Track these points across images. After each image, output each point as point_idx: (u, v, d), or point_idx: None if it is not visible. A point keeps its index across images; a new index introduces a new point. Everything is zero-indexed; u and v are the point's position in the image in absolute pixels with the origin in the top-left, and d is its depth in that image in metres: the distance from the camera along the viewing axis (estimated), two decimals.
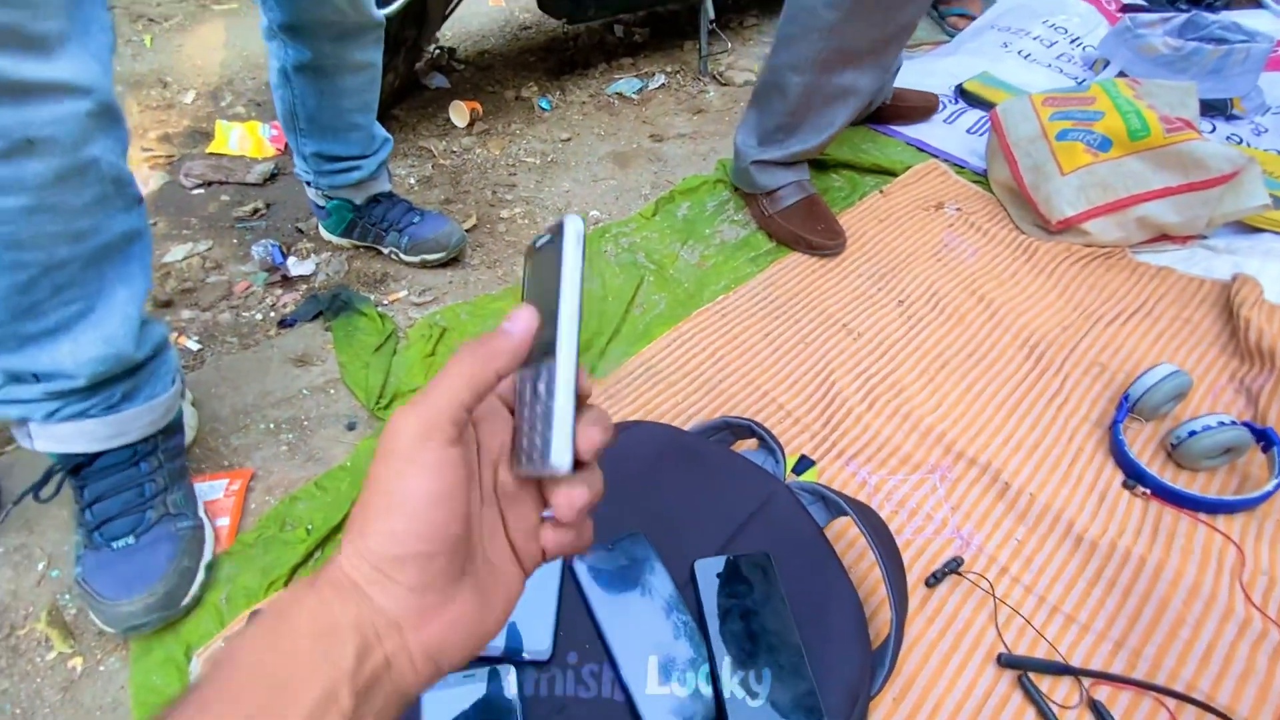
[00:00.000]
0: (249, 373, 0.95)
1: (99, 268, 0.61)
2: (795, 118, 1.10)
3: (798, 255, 1.17)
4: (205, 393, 0.92)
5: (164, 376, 0.72)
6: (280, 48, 0.92)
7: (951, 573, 0.75)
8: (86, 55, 0.54)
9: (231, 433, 0.87)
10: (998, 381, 0.96)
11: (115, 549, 0.68)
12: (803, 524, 0.70)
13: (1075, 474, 0.85)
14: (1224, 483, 0.84)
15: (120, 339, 0.64)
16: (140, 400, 0.69)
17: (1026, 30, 1.74)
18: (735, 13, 1.98)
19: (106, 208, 0.59)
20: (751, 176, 1.17)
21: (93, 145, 0.56)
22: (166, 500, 0.71)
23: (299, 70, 0.94)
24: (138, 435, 0.70)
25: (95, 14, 0.55)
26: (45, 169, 0.53)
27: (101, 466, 0.70)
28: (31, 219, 0.54)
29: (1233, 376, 0.95)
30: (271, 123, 1.46)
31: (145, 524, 0.69)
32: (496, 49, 1.84)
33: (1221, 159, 1.05)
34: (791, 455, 0.86)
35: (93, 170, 0.57)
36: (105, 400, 0.66)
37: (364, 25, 0.93)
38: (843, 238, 1.14)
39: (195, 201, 1.30)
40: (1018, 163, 1.21)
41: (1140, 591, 0.72)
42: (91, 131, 0.55)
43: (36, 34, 0.49)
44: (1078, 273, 1.13)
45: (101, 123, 0.56)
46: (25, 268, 0.56)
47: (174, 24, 1.86)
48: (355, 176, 1.08)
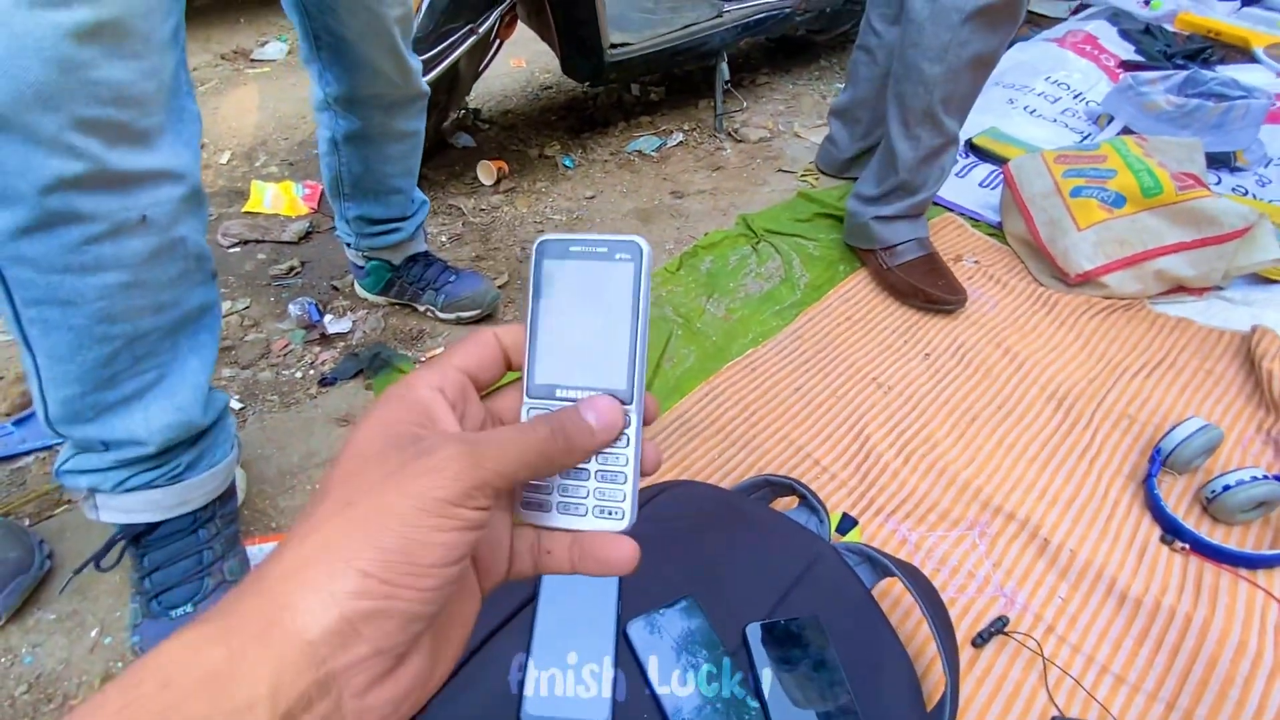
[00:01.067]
0: (293, 432, 0.97)
1: (174, 338, 0.64)
2: (913, 174, 1.16)
3: (823, 306, 1.20)
4: (251, 453, 0.93)
5: (224, 443, 0.74)
6: (332, 119, 0.97)
7: (998, 633, 0.75)
8: (180, 144, 0.58)
9: (279, 494, 0.88)
10: (1029, 435, 0.97)
11: (174, 618, 0.69)
12: (851, 586, 0.70)
13: (1113, 529, 0.85)
14: (1259, 536, 0.85)
15: (190, 406, 0.66)
16: (203, 468, 0.71)
17: (1030, 86, 1.81)
18: (748, 71, 2.07)
19: (188, 282, 0.63)
20: (872, 231, 1.22)
21: (182, 225, 0.60)
22: (223, 568, 0.72)
23: (349, 140, 0.98)
24: (200, 502, 0.71)
25: (187, 104, 0.60)
26: (143, 247, 0.57)
27: (163, 535, 0.71)
28: (126, 294, 0.58)
29: (1260, 428, 0.97)
30: (304, 181, 1.52)
31: (203, 592, 0.70)
32: (519, 108, 1.91)
33: (1234, 215, 1.09)
34: (832, 512, 0.87)
35: (180, 248, 0.60)
36: (172, 469, 0.68)
37: (413, 96, 0.98)
38: (964, 294, 1.16)
39: (232, 260, 1.34)
40: (1033, 218, 1.24)
41: (1188, 650, 0.72)
42: (183, 212, 0.59)
43: (141, 129, 0.54)
44: (1099, 324, 1.15)
45: (191, 205, 0.61)
46: (112, 340, 0.59)
47: (210, 88, 1.94)
48: (395, 238, 1.11)
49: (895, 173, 1.17)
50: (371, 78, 0.91)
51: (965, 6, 0.99)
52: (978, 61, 1.05)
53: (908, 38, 1.07)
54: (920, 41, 1.04)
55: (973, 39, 1.01)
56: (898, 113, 1.13)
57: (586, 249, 0.25)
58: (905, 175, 1.16)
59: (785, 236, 1.37)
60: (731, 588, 0.70)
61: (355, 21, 0.84)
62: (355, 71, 0.90)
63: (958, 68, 1.04)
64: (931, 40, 1.03)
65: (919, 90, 1.08)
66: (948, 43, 1.02)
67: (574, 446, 0.24)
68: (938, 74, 1.05)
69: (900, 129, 1.14)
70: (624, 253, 0.25)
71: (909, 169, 1.15)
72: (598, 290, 0.25)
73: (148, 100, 0.54)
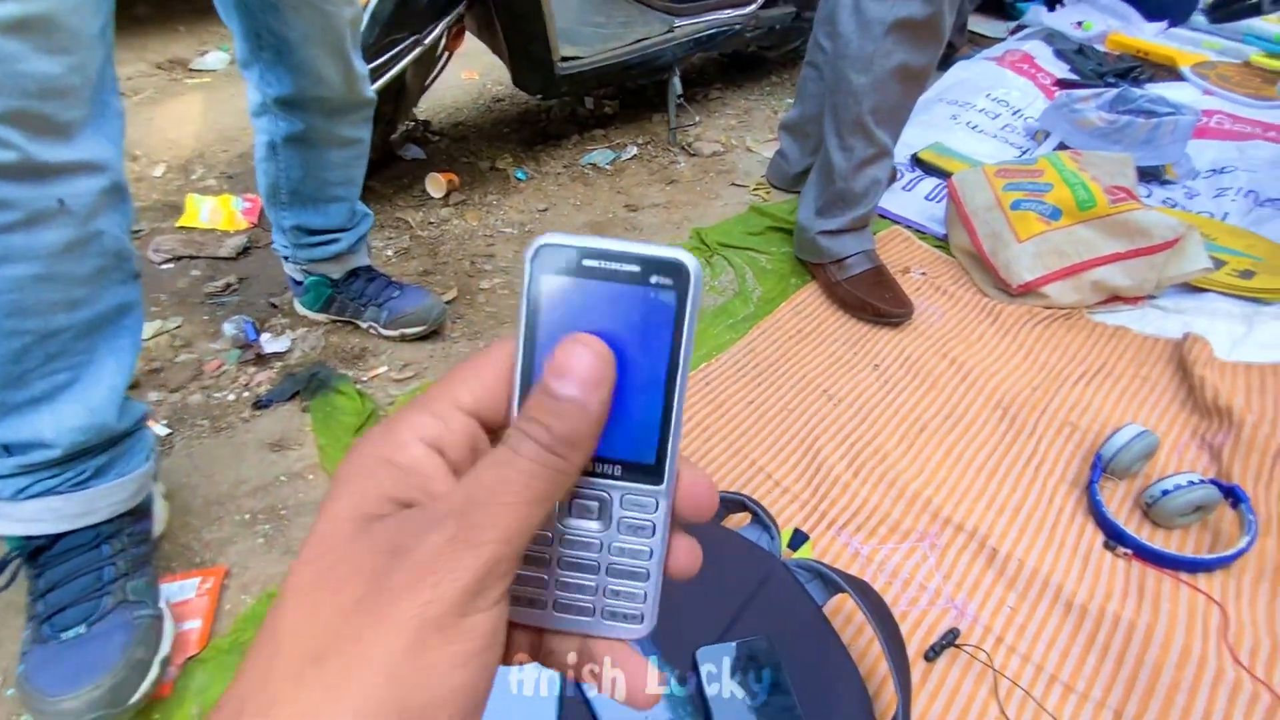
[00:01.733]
0: (223, 459, 0.92)
1: (90, 339, 0.62)
2: (847, 183, 1.18)
3: (775, 320, 1.20)
4: (176, 482, 0.88)
5: (139, 453, 0.71)
6: (271, 122, 0.93)
7: (949, 645, 0.74)
8: (102, 137, 0.58)
9: (204, 526, 0.83)
10: (975, 444, 0.98)
11: (64, 640, 0.64)
12: (802, 604, 0.69)
13: (1059, 537, 0.86)
14: (1198, 540, 0.87)
15: (104, 409, 0.64)
16: (111, 476, 0.67)
17: (971, 103, 1.86)
18: (701, 86, 2.08)
19: (105, 279, 0.61)
20: (820, 246, 1.23)
21: (101, 219, 0.59)
22: (126, 587, 0.67)
23: (288, 142, 0.94)
24: (106, 514, 0.67)
25: (111, 100, 0.60)
26: (58, 238, 0.56)
27: (62, 550, 0.66)
28: (37, 287, 0.56)
29: (1195, 433, 1.00)
30: (244, 195, 1.46)
31: (100, 611, 0.65)
32: (470, 121, 1.89)
33: (1164, 227, 1.13)
34: (784, 528, 0.86)
35: (97, 242, 0.59)
36: (77, 474, 0.64)
37: (358, 103, 0.95)
38: (911, 306, 1.18)
39: (164, 277, 1.27)
40: (976, 230, 1.27)
41: (1134, 657, 0.73)
42: (102, 206, 0.59)
43: (64, 121, 0.54)
44: (1040, 334, 1.18)
45: (112, 199, 0.60)
46: (21, 335, 0.57)
47: (144, 97, 1.86)
48: (334, 250, 1.07)
49: (833, 183, 1.20)
50: (315, 82, 0.88)
51: (886, 18, 1.03)
52: (904, 73, 1.08)
53: (837, 50, 1.11)
54: (847, 53, 1.08)
55: (896, 50, 1.05)
56: (832, 124, 1.16)
57: (608, 265, 0.18)
58: (841, 185, 1.18)
59: (738, 250, 1.37)
60: (683, 610, 0.68)
61: (300, 21, 0.82)
62: (298, 74, 0.87)
63: (883, 78, 1.08)
64: (857, 51, 1.07)
65: (849, 100, 1.11)
66: (872, 53, 1.06)
67: (576, 441, 0.17)
68: (864, 84, 1.09)
69: (835, 140, 1.17)
70: (663, 276, 0.18)
71: (844, 178, 1.18)
72: (622, 327, 0.18)
73: (72, 94, 0.54)
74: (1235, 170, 1.59)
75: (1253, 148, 1.66)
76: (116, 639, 0.65)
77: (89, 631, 0.65)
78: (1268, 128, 1.76)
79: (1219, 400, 0.99)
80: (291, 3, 0.80)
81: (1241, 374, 1.06)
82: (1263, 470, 0.91)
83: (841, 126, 1.15)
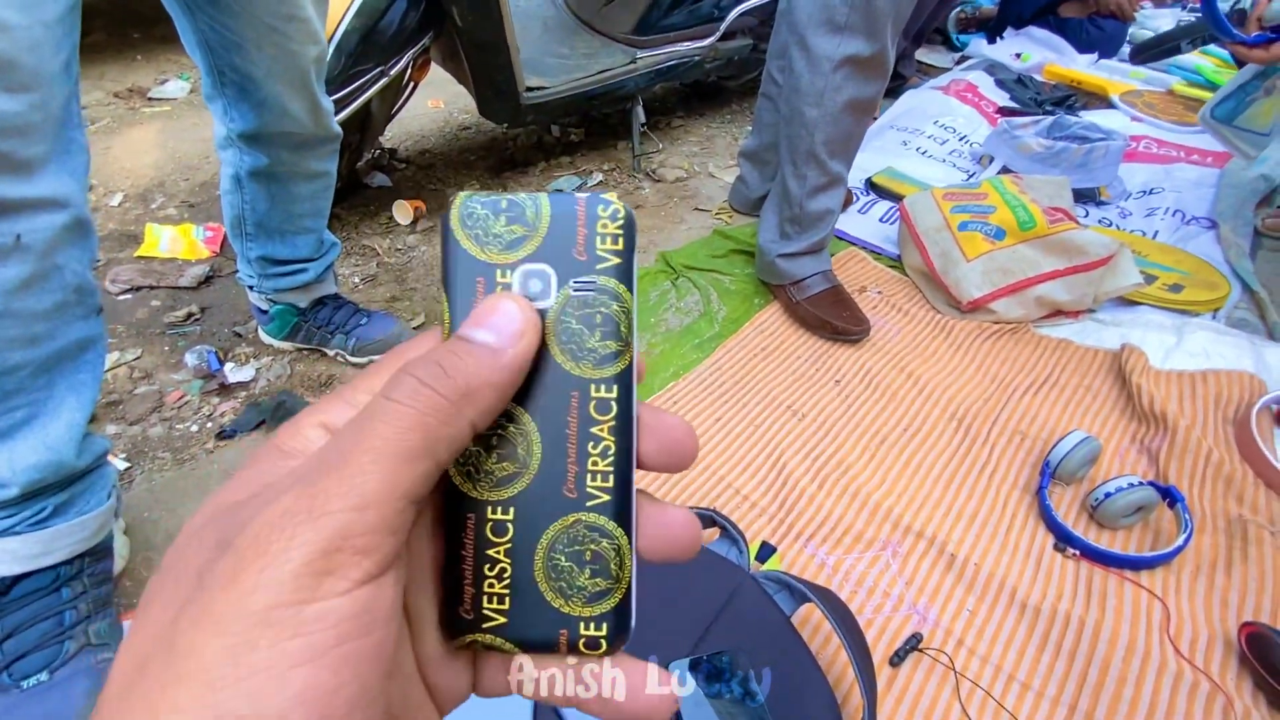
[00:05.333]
0: (186, 492, 0.90)
1: (49, 375, 0.61)
2: (802, 209, 1.23)
3: (739, 339, 1.24)
4: (137, 517, 0.86)
5: (100, 490, 0.69)
6: (236, 155, 0.93)
7: (913, 650, 0.77)
8: (65, 173, 0.57)
9: None
10: (933, 455, 1.02)
11: (25, 689, 0.62)
12: (770, 615, 0.71)
13: (1012, 541, 0.90)
14: (1140, 539, 0.92)
15: (62, 446, 0.62)
16: (71, 515, 0.66)
17: (920, 129, 1.96)
18: (664, 114, 2.14)
19: (65, 314, 0.60)
20: (779, 268, 1.27)
21: (61, 254, 0.58)
22: (88, 630, 0.66)
23: (253, 175, 0.95)
24: (64, 554, 0.66)
25: (75, 136, 0.59)
26: (15, 274, 0.55)
27: (19, 595, 0.64)
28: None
29: (1134, 438, 1.06)
30: (206, 224, 1.44)
31: (62, 657, 0.64)
32: (437, 148, 1.90)
33: (1098, 245, 1.20)
34: (752, 541, 0.88)
35: (57, 277, 0.58)
36: (36, 514, 0.63)
37: (324, 138, 0.95)
38: (867, 324, 1.22)
39: (122, 308, 1.25)
40: (928, 250, 1.33)
41: (1084, 654, 0.77)
42: (63, 242, 0.58)
43: (25, 158, 0.53)
44: (990, 347, 1.24)
45: (73, 235, 0.59)
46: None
47: (101, 127, 1.83)
48: (302, 279, 1.07)
49: (789, 208, 1.25)
50: (280, 117, 0.88)
51: (834, 56, 1.08)
52: (854, 106, 1.14)
53: (789, 84, 1.16)
54: (799, 88, 1.14)
55: (845, 85, 1.11)
56: (788, 154, 1.21)
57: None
58: (796, 210, 1.24)
59: (703, 272, 1.41)
60: (655, 626, 0.70)
61: (264, 58, 0.82)
62: (263, 110, 0.87)
63: (834, 111, 1.13)
64: (809, 87, 1.12)
65: (802, 132, 1.17)
66: (823, 89, 1.11)
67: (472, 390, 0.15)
68: (816, 117, 1.14)
69: (790, 168, 1.22)
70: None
71: (799, 204, 1.23)
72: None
73: (33, 131, 0.53)
74: (1164, 191, 1.70)
75: (1178, 170, 1.78)
76: (80, 685, 0.63)
77: (51, 679, 0.63)
78: (1190, 151, 1.88)
79: (1155, 406, 1.05)
80: (255, 40, 0.80)
81: (1174, 381, 1.12)
82: (1196, 471, 0.97)
83: (796, 156, 1.20)
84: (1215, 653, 0.77)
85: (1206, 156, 1.84)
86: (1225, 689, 0.73)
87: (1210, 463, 0.97)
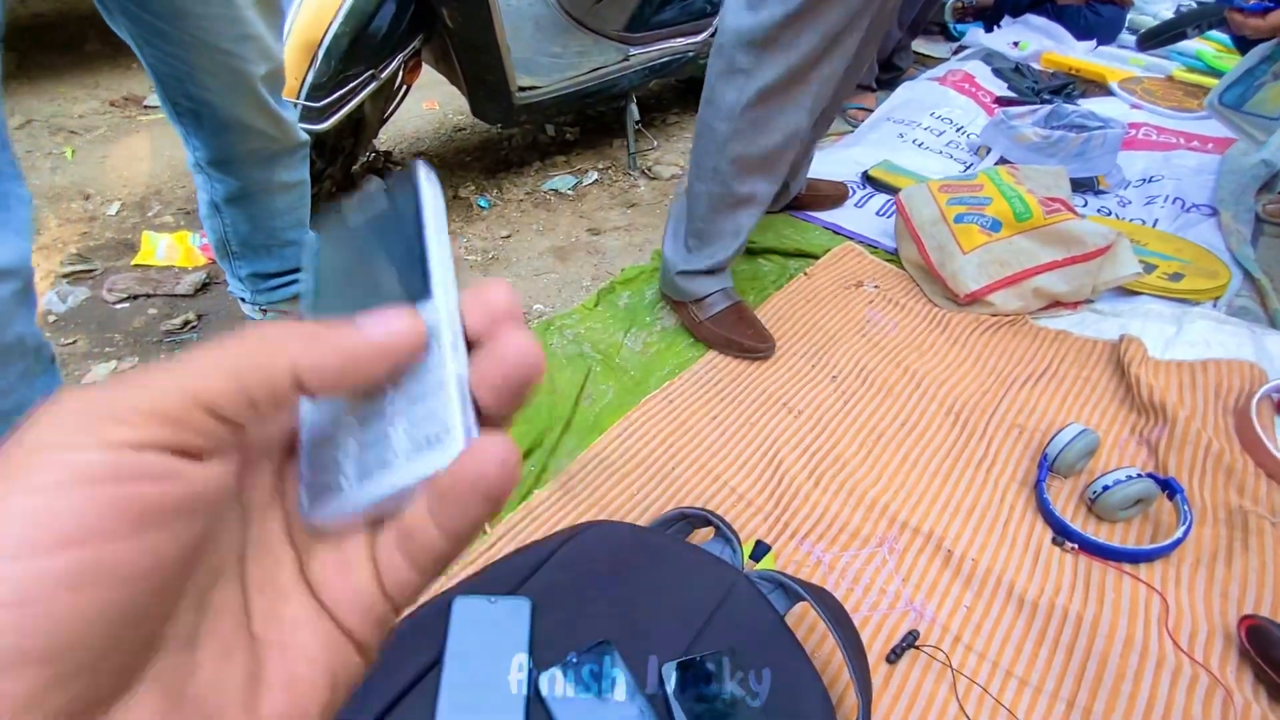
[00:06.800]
0: None
1: None
2: (706, 224, 1.16)
3: None
4: None
5: None
6: (207, 181, 0.93)
7: (910, 647, 0.77)
8: (9, 233, 0.54)
9: None
10: (930, 450, 1.02)
11: None
12: (764, 614, 0.71)
13: (1010, 535, 0.90)
14: (1139, 532, 0.91)
15: None
16: None
17: (917, 121, 1.94)
18: (658, 111, 2.13)
19: (28, 378, 0.59)
20: (679, 285, 1.21)
21: (17, 323, 0.56)
22: None
23: (230, 201, 0.94)
24: None
25: (10, 188, 0.55)
26: None
27: None
28: None
29: (1133, 430, 1.05)
30: (202, 232, 1.45)
31: None
32: (432, 150, 1.90)
33: (1095, 235, 1.19)
34: (748, 540, 0.88)
35: (18, 349, 0.56)
36: None
37: (291, 147, 0.95)
38: (772, 341, 1.18)
39: (119, 316, 1.26)
40: (924, 243, 1.33)
41: (1082, 649, 0.76)
42: (15, 310, 0.55)
43: None
44: (988, 340, 1.23)
45: (23, 299, 0.56)
46: None
47: (97, 135, 1.84)
48: (295, 289, 1.08)
49: (691, 220, 1.18)
50: (243, 135, 0.87)
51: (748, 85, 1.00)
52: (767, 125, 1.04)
53: (705, 95, 1.08)
54: (712, 99, 1.06)
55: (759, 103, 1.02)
56: (694, 166, 1.13)
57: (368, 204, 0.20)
58: (700, 224, 1.16)
59: None
60: (649, 628, 0.70)
61: (217, 83, 0.81)
62: (225, 132, 0.86)
63: (744, 128, 1.05)
64: (720, 100, 1.04)
65: (710, 147, 1.09)
66: (734, 103, 1.03)
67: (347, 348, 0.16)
68: (726, 132, 1.06)
69: (695, 181, 1.14)
70: (399, 185, 0.20)
71: (702, 219, 1.15)
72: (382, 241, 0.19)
73: None
74: (1163, 179, 1.68)
75: (1178, 157, 1.76)
76: None
77: None
78: (1190, 138, 1.86)
79: (1154, 397, 1.04)
80: (206, 67, 0.79)
81: (1174, 372, 1.11)
82: (1196, 462, 0.96)
83: (702, 170, 1.11)
84: (1215, 646, 0.76)
85: (1207, 143, 1.82)
86: (1225, 682, 0.72)
87: (1210, 453, 0.96)
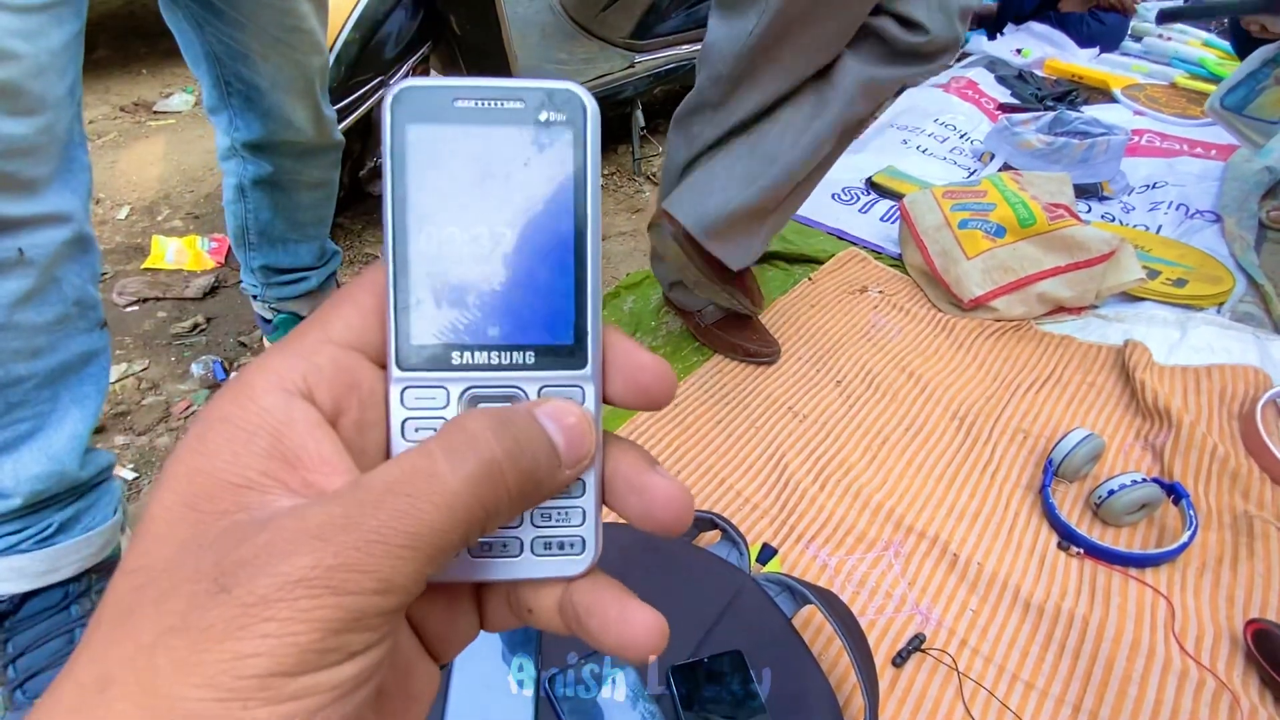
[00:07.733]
0: None
1: (54, 388, 0.62)
2: None
3: None
4: None
5: (105, 506, 0.70)
6: (239, 165, 0.95)
7: (916, 650, 0.77)
8: (68, 191, 0.59)
9: None
10: (935, 454, 1.02)
11: None
12: (771, 617, 0.71)
13: (1015, 539, 0.90)
14: (1145, 536, 0.91)
15: (65, 456, 0.63)
16: (77, 531, 0.66)
17: (920, 128, 1.95)
18: (663, 117, 2.15)
19: (66, 327, 0.61)
20: (682, 296, 1.21)
21: (63, 268, 0.59)
22: None
23: (257, 184, 0.96)
24: (71, 571, 0.67)
25: (78, 155, 0.61)
26: (17, 288, 0.56)
27: (28, 614, 0.65)
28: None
29: (1138, 435, 1.05)
30: (211, 235, 1.46)
31: None
32: None
33: (1099, 241, 1.20)
34: (754, 543, 0.88)
35: (57, 290, 0.60)
36: (40, 530, 0.64)
37: (326, 146, 0.97)
38: (777, 346, 1.18)
39: (129, 319, 1.27)
40: (928, 249, 1.33)
41: (1088, 653, 0.76)
42: (65, 256, 0.59)
43: (29, 178, 0.55)
44: (992, 345, 1.23)
45: (75, 249, 0.60)
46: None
47: (107, 140, 1.86)
48: (304, 287, 1.08)
49: None
50: (284, 126, 0.90)
51: None
52: None
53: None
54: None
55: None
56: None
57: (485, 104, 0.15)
58: None
59: None
60: None
61: (270, 68, 0.84)
62: (268, 119, 0.89)
63: None
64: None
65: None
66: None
67: (534, 488, 0.15)
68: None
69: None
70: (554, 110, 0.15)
71: None
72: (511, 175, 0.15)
73: (39, 152, 0.55)
74: (1167, 185, 1.69)
75: (1181, 163, 1.77)
76: None
77: None
78: (1194, 144, 1.87)
79: (1158, 402, 1.05)
80: (261, 51, 0.82)
81: (1178, 377, 1.12)
82: (1201, 467, 0.96)
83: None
84: (1221, 650, 0.76)
85: (1210, 149, 1.83)
86: (1231, 686, 0.72)
87: (1215, 458, 0.96)
